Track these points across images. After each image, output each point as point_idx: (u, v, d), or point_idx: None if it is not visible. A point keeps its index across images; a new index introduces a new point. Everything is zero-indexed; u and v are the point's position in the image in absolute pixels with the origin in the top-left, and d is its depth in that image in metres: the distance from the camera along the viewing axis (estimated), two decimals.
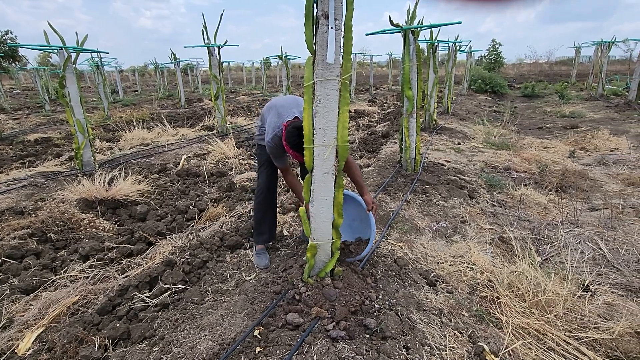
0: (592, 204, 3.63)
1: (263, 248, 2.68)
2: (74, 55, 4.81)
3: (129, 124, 8.12)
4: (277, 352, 1.70)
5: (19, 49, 22.92)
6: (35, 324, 2.08)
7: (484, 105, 11.73)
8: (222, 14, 6.31)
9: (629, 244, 2.79)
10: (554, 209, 3.52)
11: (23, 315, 2.16)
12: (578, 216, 3.26)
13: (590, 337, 1.84)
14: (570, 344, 1.80)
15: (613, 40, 12.68)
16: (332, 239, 2.05)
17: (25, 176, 4.92)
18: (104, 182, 3.98)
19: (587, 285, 2.28)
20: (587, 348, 1.78)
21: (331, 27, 1.61)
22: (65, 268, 2.70)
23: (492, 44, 22.66)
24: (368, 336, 1.82)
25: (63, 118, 10.08)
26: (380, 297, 2.10)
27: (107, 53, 7.56)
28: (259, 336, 1.81)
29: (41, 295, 2.35)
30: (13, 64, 23.85)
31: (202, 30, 6.54)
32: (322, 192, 1.91)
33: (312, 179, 1.91)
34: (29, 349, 1.90)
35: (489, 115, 9.76)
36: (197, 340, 1.82)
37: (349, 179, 2.61)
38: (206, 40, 6.68)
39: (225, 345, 1.78)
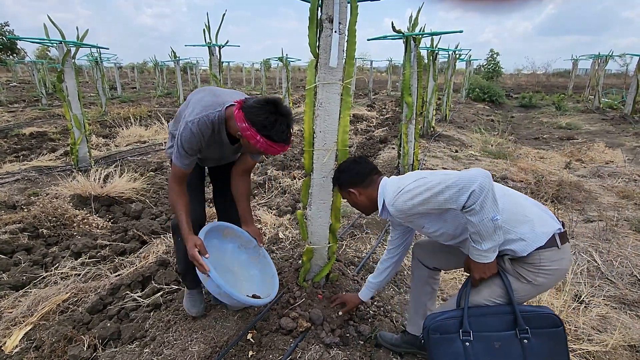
0: (587, 215, 3.65)
1: (195, 290, 1.96)
2: (73, 49, 4.77)
3: (127, 121, 8.07)
4: (270, 356, 1.68)
5: (18, 41, 22.76)
6: (23, 321, 2.04)
7: (482, 114, 11.81)
8: (224, 14, 6.30)
9: (623, 257, 2.80)
10: None
11: (11, 312, 2.12)
12: (573, 227, 3.27)
13: (583, 349, 1.84)
14: None
15: (610, 54, 12.86)
16: (329, 243, 2.04)
17: (19, 170, 4.86)
18: (99, 179, 3.94)
19: (582, 297, 2.28)
20: None
21: (335, 31, 1.60)
22: (57, 265, 2.66)
23: (490, 53, 22.88)
24: (362, 343, 1.81)
25: (60, 112, 9.99)
26: (375, 303, 2.08)
27: (107, 49, 7.52)
28: (252, 340, 1.79)
29: (31, 292, 2.31)
30: (11, 57, 23.66)
31: (204, 29, 6.53)
32: (320, 195, 1.90)
33: (310, 183, 1.90)
34: (16, 346, 1.86)
35: (487, 124, 9.83)
36: (189, 342, 1.79)
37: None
38: (207, 40, 6.67)
39: (217, 348, 1.76)
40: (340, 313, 1.89)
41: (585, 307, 2.19)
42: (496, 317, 1.22)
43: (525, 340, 1.18)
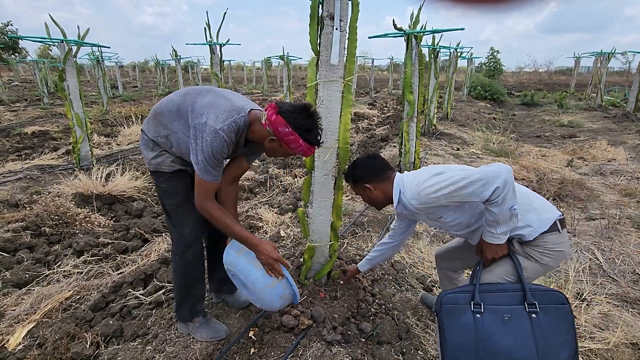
0: (589, 213, 3.64)
1: (206, 316, 1.88)
2: (74, 48, 4.78)
3: (128, 120, 8.08)
4: (272, 354, 1.68)
5: (20, 40, 22.81)
6: (26, 318, 2.05)
7: (483, 112, 11.78)
8: (225, 13, 6.30)
9: (625, 255, 2.79)
10: None
11: (14, 310, 2.13)
12: (575, 225, 3.27)
13: (586, 347, 1.84)
14: None
15: (612, 51, 12.79)
16: (330, 241, 2.04)
17: (21, 169, 4.87)
18: (100, 177, 3.95)
19: (584, 295, 2.28)
20: (582, 358, 1.78)
21: (336, 29, 1.60)
22: (59, 263, 2.67)
23: (491, 52, 22.79)
24: (364, 340, 1.81)
25: (61, 111, 10.01)
26: (376, 301, 2.09)
27: (109, 48, 7.51)
28: (253, 337, 1.80)
29: (33, 290, 2.33)
30: (13, 56, 23.71)
31: (205, 28, 6.53)
32: (321, 193, 1.90)
33: (312, 181, 1.90)
34: (20, 344, 1.87)
35: (488, 122, 9.80)
36: (191, 339, 1.79)
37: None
38: (208, 39, 6.66)
39: (219, 346, 1.76)
40: (341, 282, 2.05)
41: (587, 305, 2.18)
42: (506, 293, 1.29)
43: (534, 315, 1.24)
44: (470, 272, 1.55)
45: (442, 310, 1.31)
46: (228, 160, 1.69)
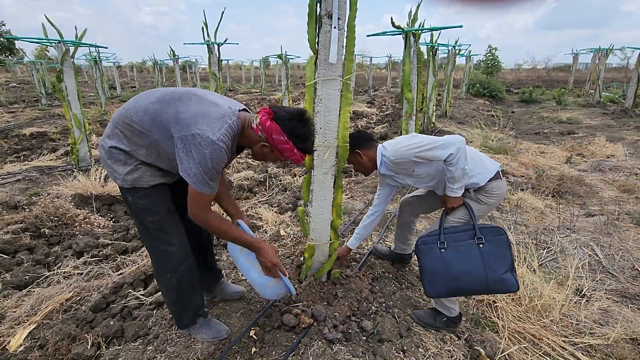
0: (588, 209, 3.65)
1: (207, 316, 1.84)
2: (72, 49, 4.77)
3: None
4: (273, 352, 1.68)
5: (16, 41, 22.71)
6: (27, 320, 2.05)
7: (482, 109, 11.78)
8: (223, 12, 6.29)
9: (624, 250, 2.80)
10: (550, 214, 3.53)
11: (15, 312, 2.13)
12: (574, 222, 3.27)
13: (585, 343, 1.85)
14: (566, 349, 1.81)
15: (611, 47, 12.80)
16: (330, 240, 2.04)
17: (20, 170, 4.86)
18: (99, 178, 3.95)
19: (583, 290, 2.29)
20: (582, 354, 1.78)
21: (334, 27, 1.60)
22: (59, 264, 2.67)
23: (489, 49, 22.77)
24: (365, 338, 1.81)
25: (59, 112, 9.99)
26: (377, 299, 2.09)
27: (106, 48, 7.51)
28: (254, 336, 1.80)
29: (34, 291, 2.32)
30: (9, 57, 23.62)
31: (203, 27, 6.52)
32: (321, 192, 1.90)
33: (311, 180, 1.90)
34: (21, 345, 1.87)
35: (487, 119, 9.80)
36: (193, 339, 1.80)
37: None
38: (206, 38, 6.65)
39: (221, 345, 1.76)
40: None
41: (587, 301, 2.19)
42: (462, 233, 1.76)
43: (481, 245, 1.70)
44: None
45: (419, 249, 1.77)
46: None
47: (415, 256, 1.86)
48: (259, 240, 1.60)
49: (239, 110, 1.42)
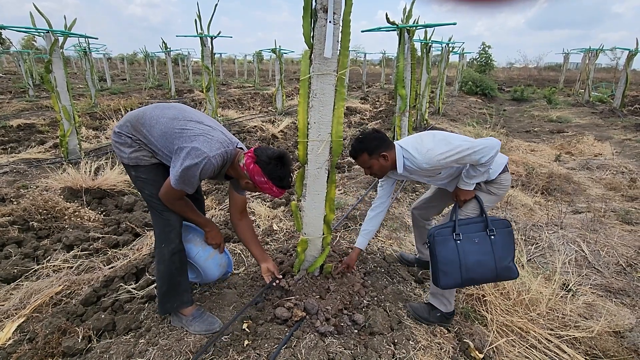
0: (576, 206, 3.73)
1: (199, 307, 1.93)
2: (61, 39, 4.67)
3: (117, 113, 7.95)
4: (266, 345, 1.69)
5: (2, 30, 22.13)
6: (16, 313, 2.03)
7: (474, 107, 11.88)
8: (216, 4, 6.20)
9: (610, 247, 2.87)
10: (539, 211, 3.60)
11: (3, 305, 2.11)
12: (562, 218, 3.34)
13: (570, 336, 1.90)
14: (552, 342, 1.85)
15: (601, 48, 12.99)
16: (323, 234, 2.05)
17: (7, 162, 4.77)
18: (90, 171, 3.89)
19: (569, 285, 2.34)
20: (567, 346, 1.83)
21: (330, 21, 1.60)
22: (49, 257, 2.63)
23: (482, 46, 22.91)
24: (356, 331, 1.83)
25: (48, 104, 9.79)
26: (369, 293, 2.11)
27: (96, 39, 7.36)
28: (247, 329, 1.81)
29: (22, 285, 2.29)
30: None
31: (196, 20, 6.43)
32: (314, 187, 1.90)
33: (305, 174, 1.91)
34: (9, 339, 1.85)
35: (479, 117, 9.89)
36: (185, 332, 1.80)
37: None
38: (199, 30, 6.57)
39: (213, 338, 1.77)
40: (348, 274, 2.19)
41: (572, 295, 2.25)
42: (475, 224, 1.83)
43: (492, 237, 1.80)
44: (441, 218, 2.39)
45: (435, 240, 1.79)
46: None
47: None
48: (210, 222, 1.90)
49: (237, 147, 1.71)
